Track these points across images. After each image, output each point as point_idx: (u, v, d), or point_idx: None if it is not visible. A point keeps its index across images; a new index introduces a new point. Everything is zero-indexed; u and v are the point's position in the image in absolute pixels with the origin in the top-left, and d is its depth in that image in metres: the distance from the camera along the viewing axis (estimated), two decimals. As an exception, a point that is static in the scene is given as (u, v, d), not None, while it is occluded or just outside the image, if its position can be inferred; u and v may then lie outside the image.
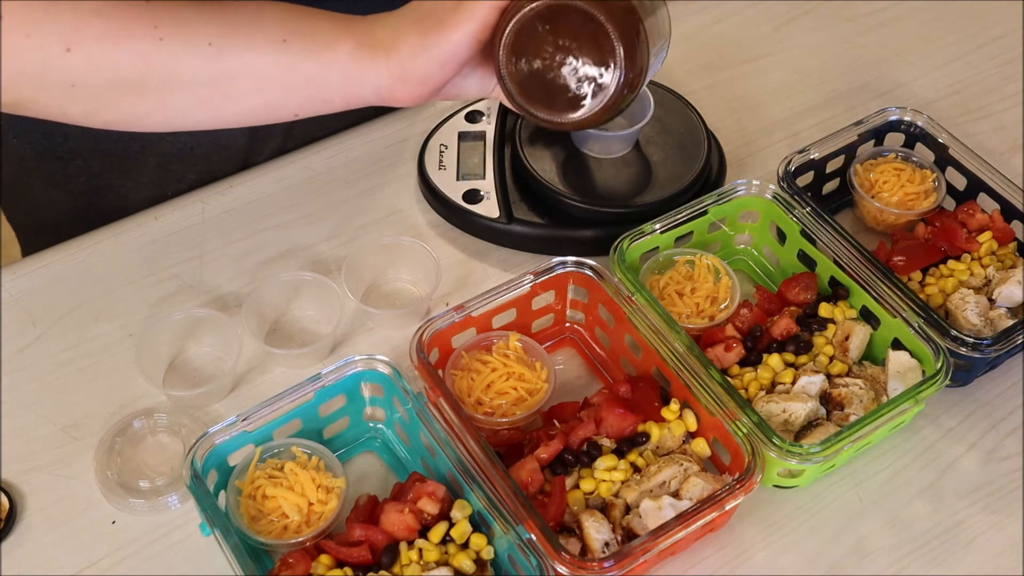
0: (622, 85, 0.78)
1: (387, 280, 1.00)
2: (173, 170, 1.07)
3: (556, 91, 0.80)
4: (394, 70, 0.79)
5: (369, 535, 0.78)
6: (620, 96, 0.79)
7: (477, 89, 0.85)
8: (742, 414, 0.82)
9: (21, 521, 0.84)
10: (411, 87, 0.80)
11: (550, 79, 0.80)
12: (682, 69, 1.18)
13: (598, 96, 0.79)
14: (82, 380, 0.92)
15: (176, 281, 0.99)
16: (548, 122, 0.81)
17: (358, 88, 0.81)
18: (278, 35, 0.79)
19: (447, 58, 0.79)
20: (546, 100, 0.80)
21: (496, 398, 0.87)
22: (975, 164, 1.01)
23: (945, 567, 0.84)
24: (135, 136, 1.03)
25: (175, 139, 1.04)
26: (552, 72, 0.79)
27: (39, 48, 0.73)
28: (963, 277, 0.95)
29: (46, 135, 1.03)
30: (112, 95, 0.77)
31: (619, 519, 0.80)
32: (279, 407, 0.83)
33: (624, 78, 0.78)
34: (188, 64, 0.77)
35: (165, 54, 0.76)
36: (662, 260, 0.96)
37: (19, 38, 0.73)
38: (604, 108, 0.79)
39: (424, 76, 0.79)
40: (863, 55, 1.22)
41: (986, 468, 0.89)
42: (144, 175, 1.07)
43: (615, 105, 0.79)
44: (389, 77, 0.80)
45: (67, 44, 0.74)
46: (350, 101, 0.82)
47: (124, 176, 1.07)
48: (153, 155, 1.05)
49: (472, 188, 1.02)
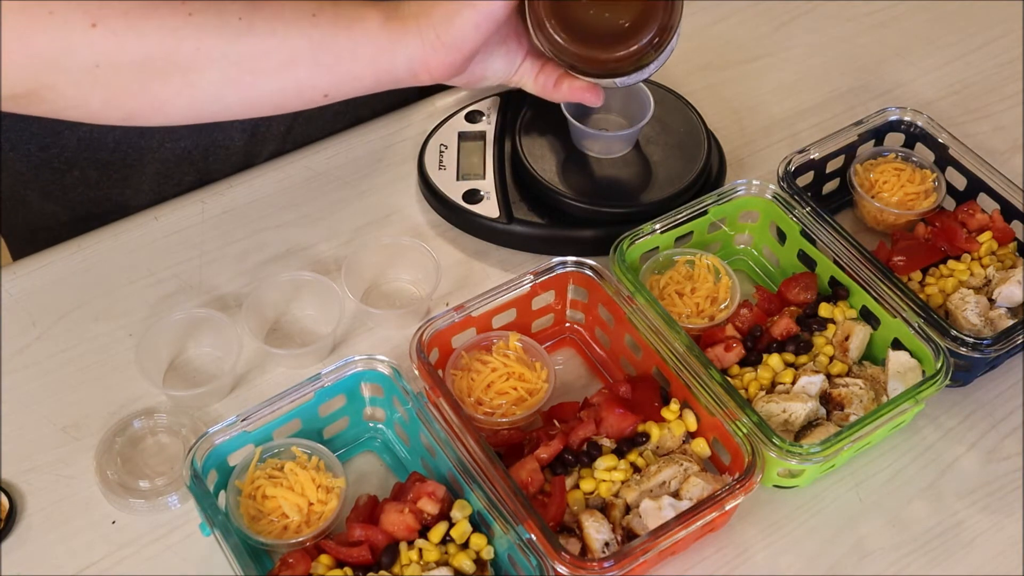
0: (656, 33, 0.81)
1: (387, 280, 1.00)
2: (171, 175, 1.06)
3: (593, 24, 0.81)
4: (427, 36, 0.77)
5: (369, 535, 0.78)
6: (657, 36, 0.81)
7: (504, 67, 0.83)
8: (742, 414, 0.82)
9: (21, 521, 0.84)
10: (444, 54, 0.78)
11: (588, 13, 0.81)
12: (682, 69, 1.18)
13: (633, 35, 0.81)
14: (82, 380, 0.92)
15: (176, 281, 0.99)
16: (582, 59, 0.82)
17: (389, 61, 0.79)
18: (307, 10, 0.76)
19: (482, 18, 0.77)
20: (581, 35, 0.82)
21: (496, 398, 0.87)
22: (975, 164, 1.01)
23: (945, 567, 0.84)
24: (133, 143, 1.03)
25: (174, 144, 1.04)
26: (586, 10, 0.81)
27: (62, 25, 0.70)
28: (963, 277, 0.95)
29: (42, 147, 1.02)
30: (137, 76, 0.74)
31: (619, 519, 0.80)
32: (279, 407, 0.83)
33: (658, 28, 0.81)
34: (217, 40, 0.74)
35: (194, 29, 0.73)
36: (662, 260, 0.96)
37: (42, 16, 0.70)
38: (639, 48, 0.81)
39: (459, 40, 0.77)
40: (863, 55, 1.22)
41: (986, 468, 0.89)
42: (143, 183, 1.06)
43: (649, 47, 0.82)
44: (422, 46, 0.78)
45: (92, 19, 0.70)
46: (380, 77, 0.80)
47: (123, 184, 1.06)
48: (152, 162, 1.05)
49: (472, 188, 1.02)
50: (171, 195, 1.06)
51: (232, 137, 1.06)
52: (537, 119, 1.05)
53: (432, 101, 1.15)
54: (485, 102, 1.08)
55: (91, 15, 0.71)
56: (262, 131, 1.07)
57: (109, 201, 1.07)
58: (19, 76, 0.72)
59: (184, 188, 1.06)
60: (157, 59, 0.74)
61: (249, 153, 1.08)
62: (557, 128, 1.03)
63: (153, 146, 1.03)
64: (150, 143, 1.03)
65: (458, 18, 0.76)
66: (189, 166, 1.06)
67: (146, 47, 0.73)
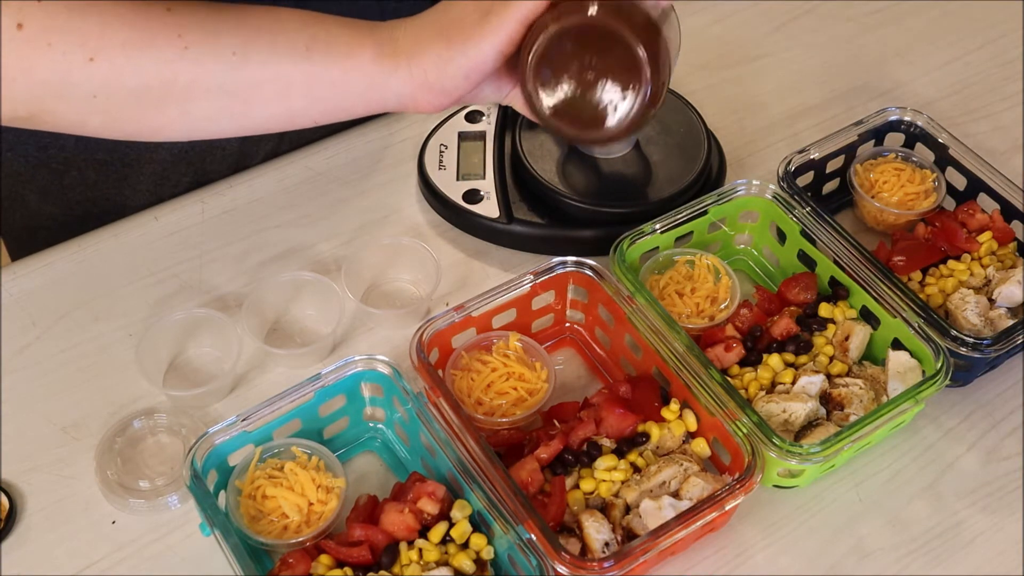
0: (648, 100, 0.80)
1: (387, 280, 1.00)
2: (168, 176, 1.06)
3: (582, 106, 0.81)
4: (416, 78, 0.79)
5: (369, 535, 0.78)
6: (645, 111, 0.80)
7: (493, 95, 0.85)
8: (742, 414, 0.82)
9: (21, 521, 0.84)
10: (434, 96, 0.80)
11: (577, 94, 0.80)
12: (682, 69, 1.18)
13: (623, 110, 0.80)
14: (82, 380, 0.92)
15: (176, 281, 0.99)
16: (575, 138, 0.82)
17: (380, 95, 0.81)
18: (301, 43, 0.78)
19: (471, 70, 0.78)
20: (573, 115, 0.81)
21: (496, 398, 0.87)
22: (975, 164, 1.01)
23: (945, 567, 0.84)
24: (131, 144, 1.03)
25: (170, 145, 1.04)
26: (579, 88, 0.80)
27: (62, 58, 0.72)
28: (963, 277, 0.95)
29: (40, 148, 1.02)
30: (134, 105, 0.76)
31: (619, 519, 0.80)
32: (279, 407, 0.83)
33: (649, 92, 0.79)
34: (212, 72, 0.76)
35: (190, 63, 0.75)
36: (662, 260, 0.96)
37: (40, 47, 0.72)
38: (630, 123, 0.81)
39: (449, 87, 0.79)
40: (863, 55, 1.22)
41: (986, 468, 0.89)
42: (141, 183, 1.06)
43: (640, 119, 0.81)
44: (411, 85, 0.79)
45: (91, 53, 0.73)
46: (371, 107, 0.82)
47: (120, 184, 1.06)
48: (149, 162, 1.05)
49: (472, 188, 1.02)
50: (168, 196, 1.06)
51: (229, 139, 1.06)
52: (537, 119, 1.05)
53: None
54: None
55: (89, 48, 0.73)
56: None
57: (108, 201, 1.07)
58: (21, 101, 0.74)
59: (181, 189, 1.07)
60: (153, 90, 0.76)
61: (245, 154, 1.08)
62: (557, 128, 1.04)
63: (150, 147, 1.04)
64: (147, 144, 1.03)
65: (450, 67, 0.78)
66: (186, 167, 1.06)
67: (143, 79, 0.75)
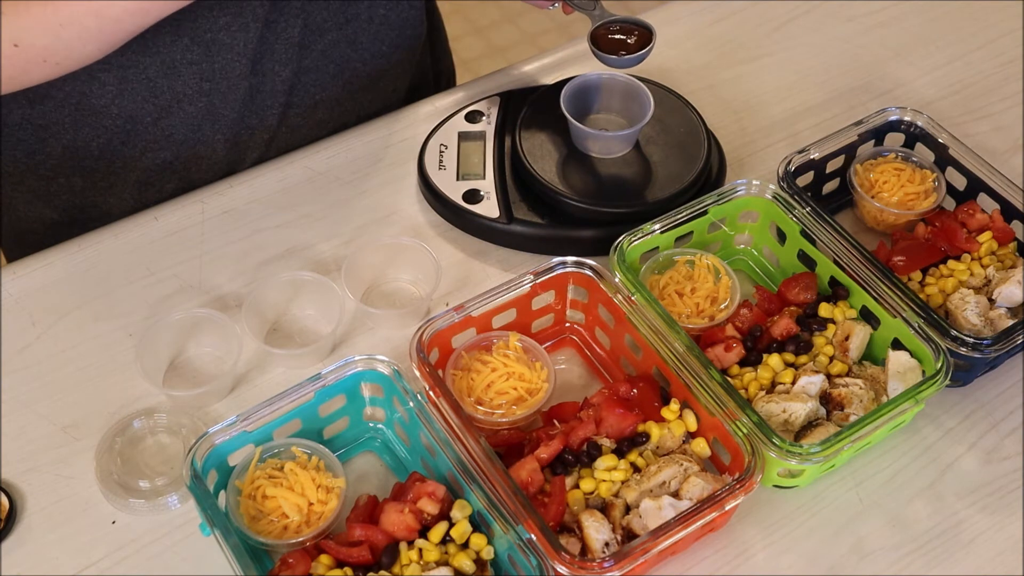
0: None
1: (387, 280, 1.00)
2: (152, 184, 1.07)
3: None
4: None
5: (369, 535, 0.78)
6: None
7: None
8: (742, 414, 0.82)
9: (21, 521, 0.84)
10: None
11: None
12: (682, 69, 1.18)
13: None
14: (82, 380, 0.92)
15: (176, 281, 0.99)
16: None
17: None
18: None
19: None
20: None
21: (496, 398, 0.87)
22: (975, 164, 1.01)
23: (945, 567, 0.84)
24: (116, 151, 1.03)
25: (155, 154, 1.05)
26: None
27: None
28: (963, 277, 0.95)
29: (28, 154, 1.03)
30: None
31: (619, 519, 0.80)
32: (279, 407, 0.83)
33: None
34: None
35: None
36: (662, 260, 0.96)
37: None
38: None
39: None
40: (863, 55, 1.22)
41: (986, 468, 0.89)
42: (125, 191, 1.07)
43: None
44: None
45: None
46: None
47: (106, 193, 1.07)
48: (134, 170, 1.05)
49: (472, 188, 1.02)
50: (152, 203, 1.06)
51: (214, 148, 1.06)
52: (537, 119, 1.05)
53: (432, 101, 1.15)
54: (485, 102, 1.08)
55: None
56: (244, 140, 1.07)
57: (94, 208, 1.08)
58: None
59: (165, 196, 1.07)
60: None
61: (231, 162, 1.08)
62: (557, 128, 1.04)
63: (135, 155, 1.04)
64: (132, 151, 1.04)
65: None
66: (171, 175, 1.06)
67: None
